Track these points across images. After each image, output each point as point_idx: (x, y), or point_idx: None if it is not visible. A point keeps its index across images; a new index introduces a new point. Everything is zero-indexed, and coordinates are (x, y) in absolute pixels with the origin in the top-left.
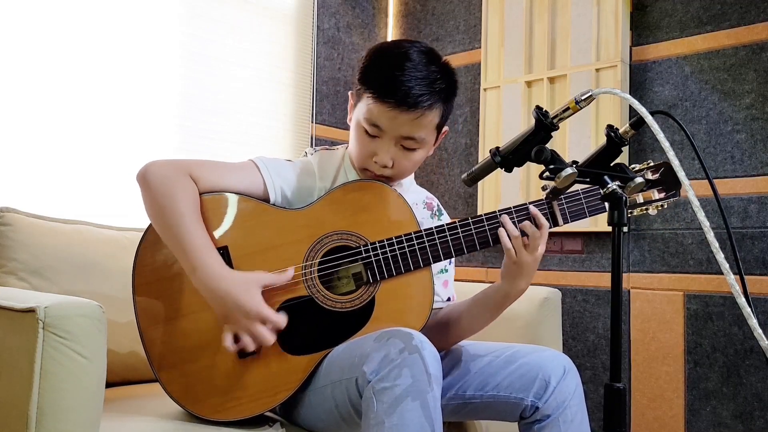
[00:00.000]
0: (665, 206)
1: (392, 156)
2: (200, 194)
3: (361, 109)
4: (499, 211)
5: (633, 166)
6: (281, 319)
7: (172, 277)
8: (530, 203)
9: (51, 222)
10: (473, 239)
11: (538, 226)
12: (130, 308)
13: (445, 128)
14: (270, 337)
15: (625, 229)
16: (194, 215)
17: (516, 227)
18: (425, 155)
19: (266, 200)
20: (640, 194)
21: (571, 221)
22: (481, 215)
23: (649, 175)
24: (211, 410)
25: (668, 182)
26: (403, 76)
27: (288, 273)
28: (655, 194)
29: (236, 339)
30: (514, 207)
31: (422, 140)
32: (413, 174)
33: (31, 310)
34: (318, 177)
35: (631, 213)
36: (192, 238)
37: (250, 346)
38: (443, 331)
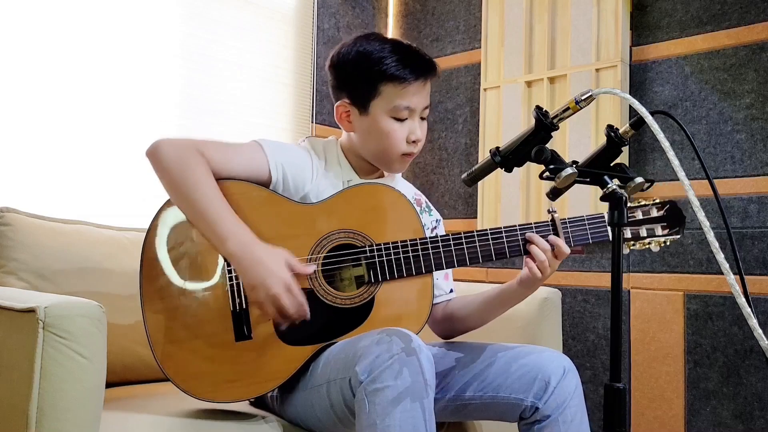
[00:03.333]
0: (668, 243)
1: (422, 129)
2: None
3: (383, 105)
4: (504, 227)
5: (638, 200)
6: (305, 303)
7: (180, 255)
8: (535, 223)
9: (51, 222)
10: (477, 253)
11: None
12: (131, 308)
13: None
14: (296, 305)
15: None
16: (214, 187)
17: (545, 242)
18: None
19: (268, 179)
20: (644, 228)
21: (574, 245)
22: (485, 230)
23: (654, 212)
24: (202, 390)
25: (672, 220)
26: (410, 52)
27: (310, 268)
28: (659, 230)
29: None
30: (519, 225)
31: (430, 104)
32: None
33: (31, 310)
34: (313, 155)
35: (633, 245)
36: (219, 210)
37: (275, 318)
38: (452, 325)
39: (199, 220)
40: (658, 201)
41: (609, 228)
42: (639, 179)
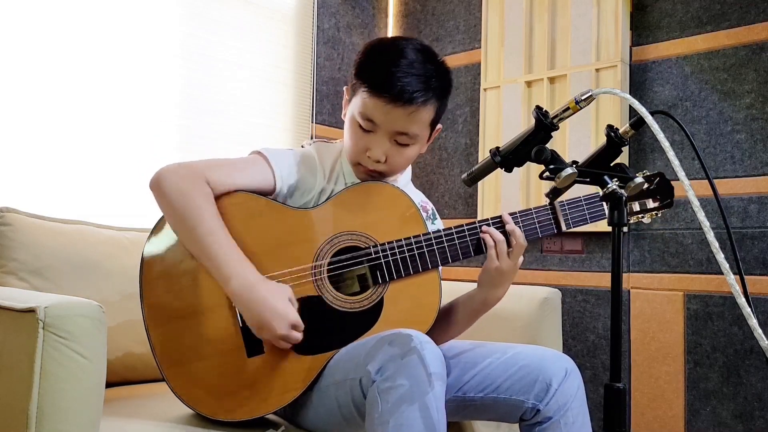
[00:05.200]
0: (659, 215)
1: (385, 151)
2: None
3: (356, 104)
4: (491, 218)
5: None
6: (300, 332)
7: (181, 274)
8: (534, 209)
9: (51, 222)
10: (479, 242)
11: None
12: (130, 308)
13: (439, 125)
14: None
15: (625, 229)
16: (219, 223)
17: (499, 233)
18: (418, 151)
19: (273, 190)
20: (636, 203)
21: (573, 227)
22: (487, 219)
23: (645, 186)
24: (219, 410)
25: (663, 192)
26: (399, 71)
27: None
28: (650, 203)
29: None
30: (519, 212)
31: (415, 136)
32: (410, 175)
33: (31, 310)
34: (319, 169)
35: (627, 220)
36: (223, 248)
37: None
38: None
39: (202, 256)
40: (647, 173)
41: (606, 211)
42: (639, 179)
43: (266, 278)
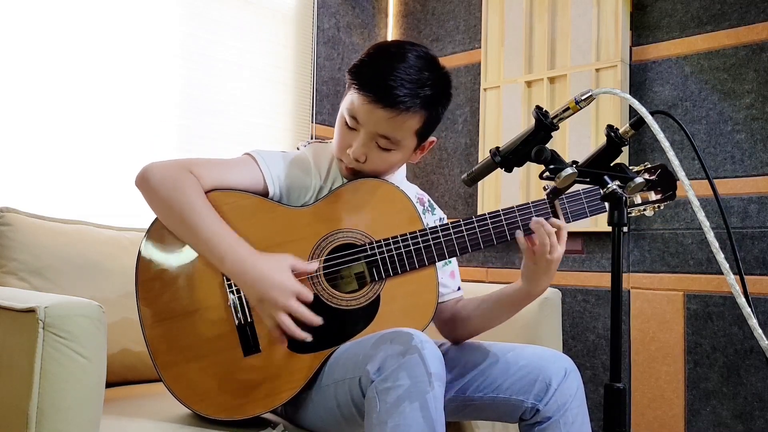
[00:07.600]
0: (661, 207)
1: (365, 151)
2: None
3: (346, 100)
4: (503, 210)
5: (630, 167)
6: (311, 295)
7: (176, 274)
8: (532, 203)
9: (51, 222)
10: (477, 238)
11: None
12: (130, 308)
13: (432, 138)
14: (310, 314)
15: (625, 229)
16: (206, 205)
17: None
18: (401, 159)
19: (265, 193)
20: (638, 195)
21: (573, 221)
22: (484, 214)
23: (646, 177)
24: (216, 409)
25: (665, 184)
26: (391, 74)
27: (313, 265)
28: (653, 195)
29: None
30: (517, 207)
31: (398, 142)
32: (405, 172)
33: (31, 310)
34: (313, 169)
35: (629, 213)
36: (213, 229)
37: (292, 327)
38: (458, 326)
39: (194, 242)
40: (649, 166)
41: (607, 209)
42: (639, 180)
43: (262, 252)
